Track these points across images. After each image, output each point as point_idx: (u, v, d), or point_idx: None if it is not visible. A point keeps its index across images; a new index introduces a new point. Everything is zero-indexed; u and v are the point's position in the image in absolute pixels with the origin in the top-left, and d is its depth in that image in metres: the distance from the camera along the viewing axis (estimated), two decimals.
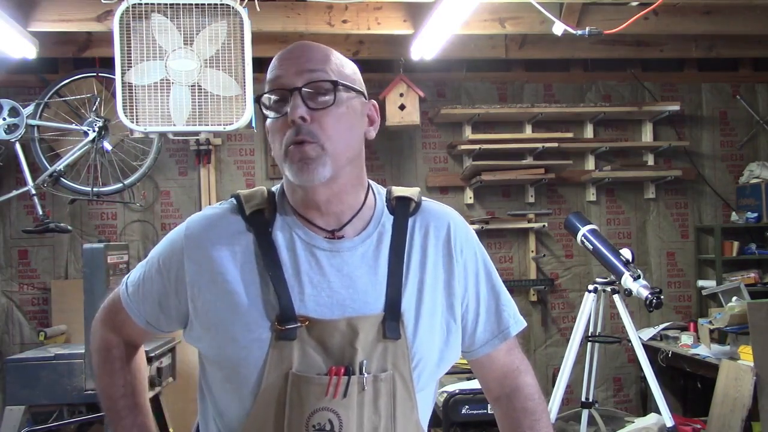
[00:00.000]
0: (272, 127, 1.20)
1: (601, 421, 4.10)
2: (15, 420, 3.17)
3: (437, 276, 1.25)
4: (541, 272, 4.96)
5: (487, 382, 1.41)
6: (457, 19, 3.54)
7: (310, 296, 1.17)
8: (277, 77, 1.18)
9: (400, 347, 1.18)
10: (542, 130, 4.90)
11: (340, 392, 1.13)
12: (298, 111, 1.14)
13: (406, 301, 1.20)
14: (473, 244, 1.33)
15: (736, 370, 3.81)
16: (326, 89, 1.17)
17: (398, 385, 1.18)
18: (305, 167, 1.15)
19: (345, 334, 1.15)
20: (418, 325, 1.21)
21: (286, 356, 1.14)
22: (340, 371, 1.14)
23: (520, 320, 1.36)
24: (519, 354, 1.39)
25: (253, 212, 1.22)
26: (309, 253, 1.20)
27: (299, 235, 1.21)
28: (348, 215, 1.23)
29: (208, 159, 4.65)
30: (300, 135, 1.14)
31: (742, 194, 5.07)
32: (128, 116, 3.19)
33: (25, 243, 4.59)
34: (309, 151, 1.14)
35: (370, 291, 1.19)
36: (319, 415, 1.13)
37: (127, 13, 3.16)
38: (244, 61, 3.19)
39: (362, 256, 1.21)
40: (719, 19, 4.22)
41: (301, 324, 1.14)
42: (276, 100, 1.19)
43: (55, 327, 4.18)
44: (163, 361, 3.44)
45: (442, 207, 1.34)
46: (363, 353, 1.15)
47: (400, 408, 1.18)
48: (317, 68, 1.18)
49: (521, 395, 1.36)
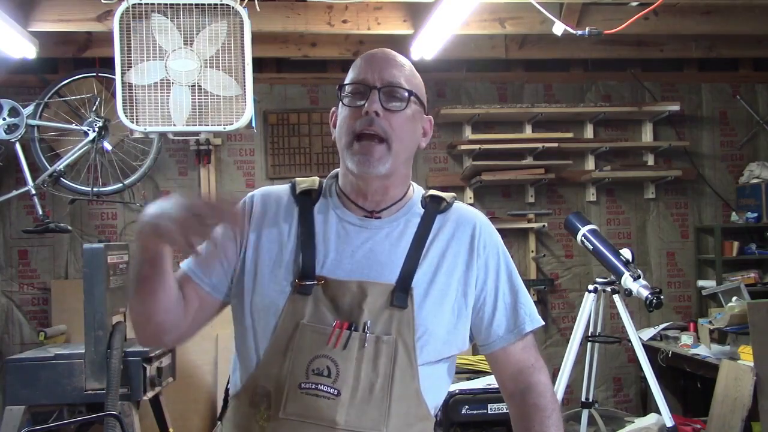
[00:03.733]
0: (343, 114, 1.36)
1: (601, 421, 4.10)
2: (15, 420, 3.16)
3: (456, 266, 1.38)
4: (541, 272, 4.96)
5: (502, 378, 1.48)
6: (457, 19, 3.54)
7: (333, 261, 1.33)
8: (360, 74, 1.35)
9: (406, 316, 1.30)
10: (542, 130, 4.90)
11: (340, 343, 1.27)
12: (375, 105, 1.32)
13: (418, 278, 1.33)
14: (497, 244, 1.44)
15: (736, 370, 3.81)
16: (401, 96, 1.35)
17: (400, 350, 1.29)
18: (368, 161, 1.32)
19: (355, 294, 1.30)
20: (426, 299, 1.33)
21: (299, 308, 1.30)
22: (344, 326, 1.28)
23: (537, 319, 1.45)
24: (535, 353, 1.46)
25: (301, 192, 1.42)
26: (341, 227, 1.37)
27: (336, 213, 1.39)
28: (387, 203, 1.40)
29: (208, 159, 4.65)
30: (373, 126, 1.32)
31: (742, 194, 5.08)
32: (128, 116, 3.19)
33: (25, 243, 4.59)
34: (376, 150, 1.32)
35: (387, 264, 1.33)
36: (319, 361, 1.27)
37: (127, 13, 3.16)
38: (244, 61, 3.19)
39: (387, 235, 1.37)
40: (719, 19, 4.22)
41: (317, 282, 1.31)
42: (354, 92, 1.35)
43: (55, 327, 4.18)
44: (163, 361, 3.43)
45: (472, 210, 1.48)
46: (369, 314, 1.29)
47: (399, 372, 1.29)
48: (397, 75, 1.36)
49: (534, 392, 1.42)
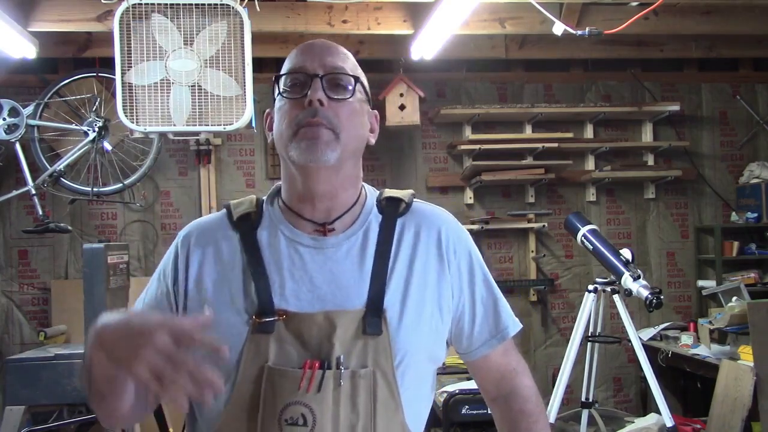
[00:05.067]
0: (283, 108, 1.22)
1: (601, 421, 4.10)
2: (15, 420, 3.16)
3: (426, 276, 1.24)
4: (541, 272, 4.96)
5: (484, 384, 1.39)
6: (457, 19, 3.54)
7: (291, 290, 1.18)
8: (298, 64, 1.22)
9: (382, 343, 1.16)
10: (542, 130, 4.90)
11: (314, 386, 1.12)
12: (318, 93, 1.18)
13: (389, 298, 1.19)
14: (467, 245, 1.31)
15: (736, 370, 3.81)
16: (345, 83, 1.22)
17: (379, 383, 1.15)
18: (314, 146, 1.16)
19: (322, 327, 1.14)
20: (402, 321, 1.19)
21: (263, 349, 1.14)
22: (315, 365, 1.12)
23: (517, 322, 1.35)
24: (516, 355, 1.38)
25: (240, 216, 1.26)
26: (292, 250, 1.21)
27: (284, 233, 1.23)
28: (339, 211, 1.24)
29: (208, 159, 4.65)
30: (317, 117, 1.17)
31: (742, 194, 5.08)
32: (128, 116, 3.19)
33: (25, 243, 4.59)
34: (323, 133, 1.17)
35: (353, 287, 1.18)
36: (291, 409, 1.12)
37: (127, 13, 3.15)
38: (244, 61, 3.19)
39: (347, 252, 1.21)
40: (719, 19, 4.22)
41: (278, 318, 1.15)
42: (293, 84, 1.21)
43: (55, 327, 4.18)
44: None
45: (434, 208, 1.33)
46: (340, 348, 1.14)
47: (382, 407, 1.15)
48: (339, 63, 1.22)
49: (519, 397, 1.35)
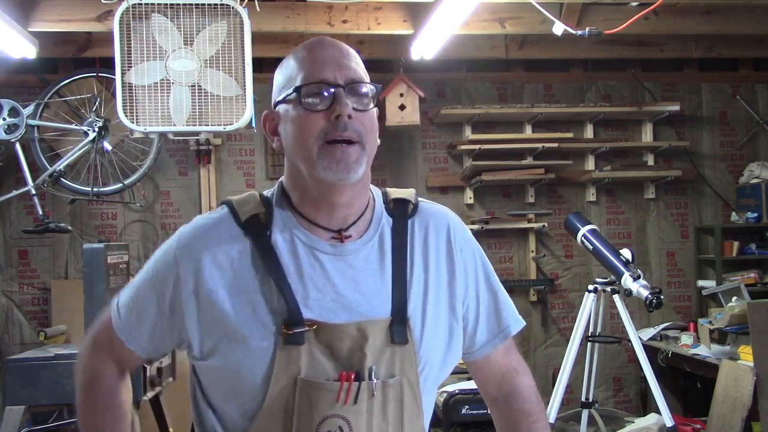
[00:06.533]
0: (303, 119, 1.14)
1: (601, 421, 4.10)
2: (15, 420, 3.16)
3: (440, 277, 1.24)
4: (541, 272, 4.96)
5: (484, 384, 1.39)
6: (457, 19, 3.54)
7: (315, 300, 1.13)
8: (316, 72, 1.15)
9: (408, 352, 1.15)
10: (542, 130, 4.90)
11: (351, 398, 1.11)
12: (348, 109, 1.13)
13: (412, 305, 1.18)
14: (471, 243, 1.31)
15: (736, 370, 3.81)
16: (366, 92, 1.17)
17: (406, 390, 1.15)
18: (346, 167, 1.12)
19: (355, 338, 1.12)
20: (424, 328, 1.19)
21: (294, 361, 1.10)
22: (351, 377, 1.11)
23: (519, 319, 1.35)
24: (516, 355, 1.37)
25: (249, 217, 1.18)
26: (312, 257, 1.16)
27: (300, 238, 1.17)
28: (354, 217, 1.20)
29: (208, 159, 4.65)
30: (348, 132, 1.12)
31: (742, 194, 5.07)
32: (128, 116, 3.19)
33: (25, 243, 4.58)
34: (353, 151, 1.13)
35: (376, 295, 1.16)
36: (329, 422, 1.10)
37: (127, 13, 3.16)
38: (244, 61, 3.19)
39: (366, 259, 1.18)
40: (719, 19, 4.22)
41: (309, 328, 1.11)
42: (315, 94, 1.14)
43: (55, 327, 4.18)
44: (163, 361, 3.43)
45: (439, 207, 1.32)
46: (372, 358, 1.12)
47: (408, 414, 1.16)
48: (354, 68, 1.17)
49: (519, 397, 1.34)
